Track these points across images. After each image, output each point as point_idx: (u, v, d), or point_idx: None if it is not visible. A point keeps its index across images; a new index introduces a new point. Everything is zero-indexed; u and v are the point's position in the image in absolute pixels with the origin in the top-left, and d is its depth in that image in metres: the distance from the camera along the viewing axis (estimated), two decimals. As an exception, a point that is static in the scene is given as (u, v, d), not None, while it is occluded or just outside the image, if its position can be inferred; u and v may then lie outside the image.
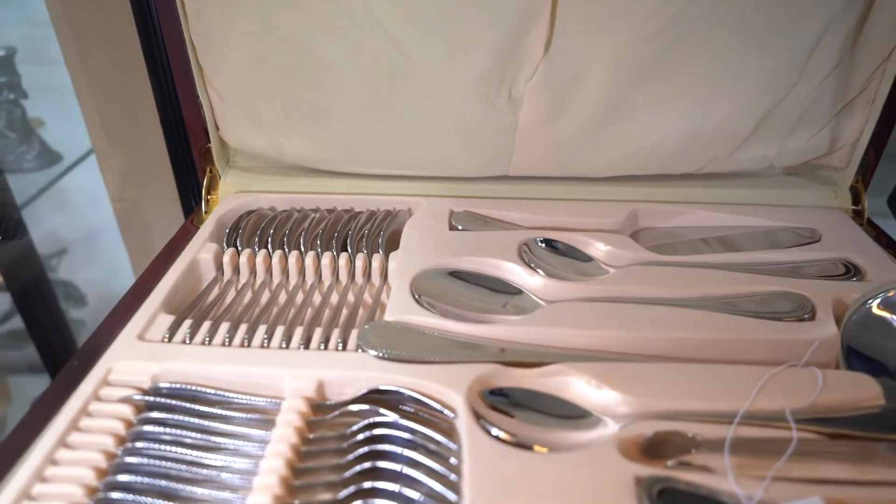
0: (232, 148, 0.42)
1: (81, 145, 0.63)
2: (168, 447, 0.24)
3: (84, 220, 0.66)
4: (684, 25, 0.35)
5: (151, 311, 0.31)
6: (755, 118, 0.38)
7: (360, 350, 0.29)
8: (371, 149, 0.41)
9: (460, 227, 0.38)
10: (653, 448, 0.24)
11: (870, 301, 0.30)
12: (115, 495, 0.23)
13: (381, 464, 0.24)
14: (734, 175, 0.41)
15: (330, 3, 0.35)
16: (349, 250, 0.36)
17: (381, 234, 0.37)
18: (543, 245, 0.36)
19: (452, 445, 0.24)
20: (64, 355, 0.57)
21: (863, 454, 0.24)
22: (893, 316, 0.29)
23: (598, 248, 0.36)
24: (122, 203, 0.49)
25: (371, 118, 0.39)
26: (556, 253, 0.36)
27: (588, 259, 0.36)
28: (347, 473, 0.24)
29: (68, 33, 0.43)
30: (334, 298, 0.34)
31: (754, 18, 0.35)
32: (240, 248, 0.36)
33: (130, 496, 0.23)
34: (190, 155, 0.43)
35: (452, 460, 0.24)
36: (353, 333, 0.30)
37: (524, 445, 0.24)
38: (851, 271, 0.35)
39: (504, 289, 0.34)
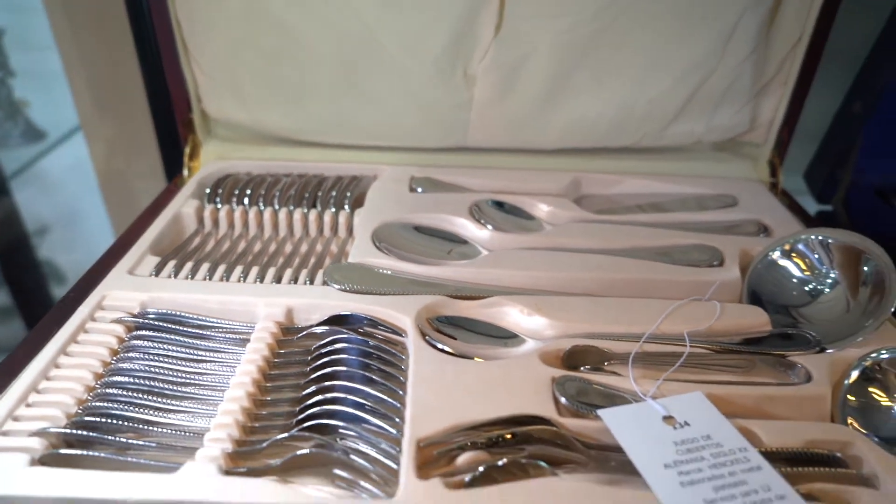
0: (213, 119, 0.46)
1: (65, 125, 0.67)
2: (156, 358, 0.28)
3: (67, 202, 0.69)
4: (618, 11, 0.39)
5: (139, 253, 0.35)
6: (683, 97, 0.43)
7: (325, 285, 0.33)
8: (341, 121, 0.45)
9: (420, 190, 0.42)
10: (570, 359, 0.29)
11: (770, 253, 0.35)
12: (111, 391, 0.26)
13: (341, 369, 0.28)
14: (667, 149, 0.46)
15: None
16: (318, 208, 0.40)
17: (348, 195, 0.41)
18: (492, 205, 0.40)
19: (401, 356, 0.29)
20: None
21: (744, 366, 0.29)
22: (788, 263, 0.34)
23: (540, 209, 0.41)
24: (108, 177, 0.53)
25: (341, 94, 0.44)
26: (503, 211, 0.40)
27: (531, 218, 0.40)
28: (312, 377, 0.28)
29: (60, 13, 0.47)
30: (304, 248, 0.38)
31: (678, 6, 0.39)
32: (219, 205, 0.40)
33: (124, 393, 0.26)
34: (175, 131, 0.46)
35: (402, 367, 0.28)
36: (320, 273, 0.34)
37: (463, 356, 0.29)
38: (762, 231, 0.40)
39: (454, 240, 0.38)
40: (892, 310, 0.29)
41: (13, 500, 0.21)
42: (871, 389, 0.27)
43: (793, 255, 0.34)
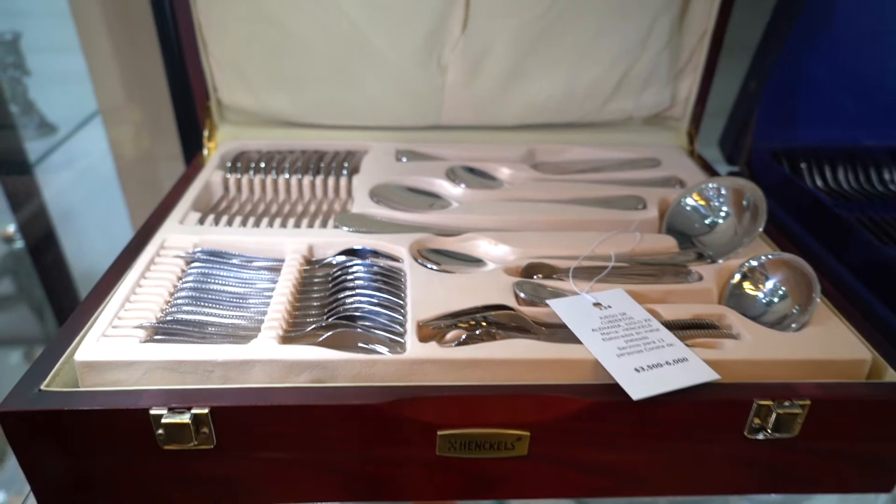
0: (226, 106, 0.54)
1: (74, 121, 0.74)
2: (211, 280, 0.37)
3: (81, 190, 0.76)
4: (560, 10, 0.49)
5: (184, 210, 0.43)
6: (614, 81, 0.53)
7: (336, 228, 0.42)
8: (335, 106, 0.54)
9: (404, 160, 0.51)
10: (527, 271, 0.38)
11: (682, 198, 0.45)
12: (181, 303, 0.35)
13: (357, 282, 0.37)
14: (605, 124, 0.56)
15: (304, -7, 0.48)
16: (322, 175, 0.49)
17: (346, 164, 0.50)
18: (464, 170, 0.50)
19: (400, 274, 0.38)
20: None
21: (655, 274, 0.39)
22: (694, 205, 0.44)
23: (503, 172, 0.50)
24: (128, 163, 0.61)
25: (335, 82, 0.52)
26: (473, 175, 0.50)
27: (495, 179, 0.50)
28: (334, 289, 0.37)
29: (89, 17, 0.55)
30: (312, 207, 0.47)
31: (607, 5, 0.49)
32: (240, 175, 0.49)
33: (192, 306, 0.35)
34: (193, 118, 0.54)
35: (401, 281, 0.37)
36: (330, 221, 0.43)
37: (446, 272, 0.38)
38: (678, 184, 0.50)
39: (434, 196, 0.47)
40: (761, 229, 0.39)
41: (132, 365, 0.30)
42: (745, 285, 0.37)
43: (697, 198, 0.44)
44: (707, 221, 0.43)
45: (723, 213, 0.42)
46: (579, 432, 0.30)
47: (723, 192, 0.43)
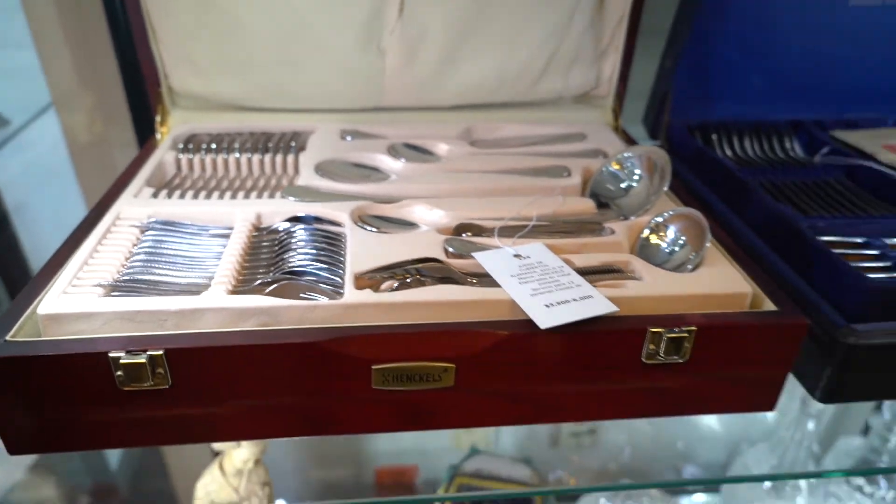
0: (176, 92, 0.57)
1: (28, 113, 0.75)
2: (165, 247, 0.40)
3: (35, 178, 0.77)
4: (489, -2, 0.53)
5: (138, 185, 0.46)
6: (543, 62, 0.57)
7: (283, 199, 0.45)
8: (281, 90, 0.57)
9: (348, 139, 0.55)
10: (457, 230, 0.42)
11: (603, 167, 0.49)
12: (136, 265, 0.38)
13: (301, 244, 0.40)
14: (536, 103, 0.60)
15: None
16: (270, 153, 0.52)
17: (293, 144, 0.53)
18: (404, 146, 0.53)
19: (340, 237, 0.41)
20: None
21: (574, 231, 0.43)
22: (614, 172, 0.48)
23: (441, 148, 0.54)
24: (81, 149, 0.63)
25: (281, 67, 0.55)
26: (413, 150, 0.53)
27: (433, 154, 0.54)
28: (279, 256, 0.40)
29: (39, 9, 0.57)
30: (262, 182, 0.50)
31: (533, -8, 0.54)
32: (191, 156, 0.51)
33: (146, 267, 0.38)
34: (145, 104, 0.57)
35: (342, 243, 0.41)
36: (277, 194, 0.46)
37: (383, 233, 0.42)
38: (602, 155, 0.54)
39: (375, 170, 0.51)
40: (666, 188, 0.44)
41: (92, 316, 0.33)
42: (651, 237, 0.42)
43: (616, 166, 0.48)
44: (623, 185, 0.47)
45: (636, 177, 0.47)
46: (498, 363, 0.34)
47: (636, 159, 0.47)
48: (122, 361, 0.31)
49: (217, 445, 0.55)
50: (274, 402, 0.34)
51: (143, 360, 0.31)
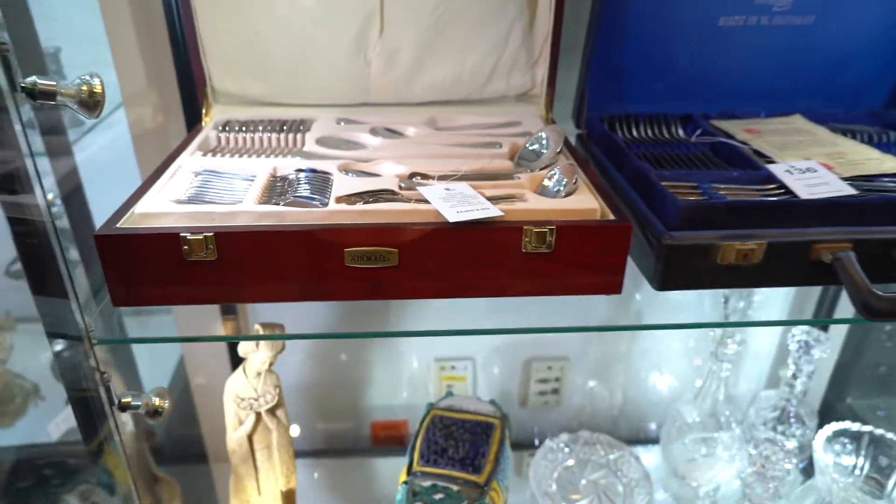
0: (217, 91, 0.77)
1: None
2: (211, 184, 0.59)
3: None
4: (445, 20, 0.73)
5: (192, 150, 0.65)
6: (489, 69, 0.76)
7: (292, 159, 0.64)
8: (294, 89, 0.76)
9: (342, 124, 0.74)
10: (410, 176, 0.61)
11: (526, 144, 0.68)
12: (192, 195, 0.57)
13: (300, 184, 0.59)
14: (486, 100, 0.79)
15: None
16: (285, 133, 0.71)
17: (301, 127, 0.73)
18: (383, 129, 0.73)
19: (329, 179, 0.60)
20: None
21: (494, 178, 0.61)
22: (532, 146, 0.67)
23: (410, 130, 0.73)
24: (143, 137, 0.83)
25: (293, 72, 0.75)
26: (389, 132, 0.72)
27: (403, 134, 0.73)
28: (288, 189, 0.59)
29: (119, 31, 0.77)
30: (278, 152, 0.69)
31: (477, 16, 0.73)
32: (229, 134, 0.71)
33: (198, 197, 0.57)
34: (194, 101, 0.77)
35: (329, 185, 0.60)
36: (290, 157, 0.65)
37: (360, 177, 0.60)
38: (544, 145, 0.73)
39: (361, 144, 0.70)
40: (559, 150, 0.63)
41: (168, 215, 0.52)
42: (545, 182, 0.60)
43: (533, 140, 0.67)
44: (535, 151, 0.66)
45: (544, 146, 0.65)
46: (426, 250, 0.52)
47: (545, 134, 0.66)
48: (188, 238, 0.49)
49: (241, 350, 0.74)
50: (282, 273, 0.52)
51: (201, 238, 0.50)
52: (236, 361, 0.84)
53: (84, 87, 0.43)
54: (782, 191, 0.59)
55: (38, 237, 0.45)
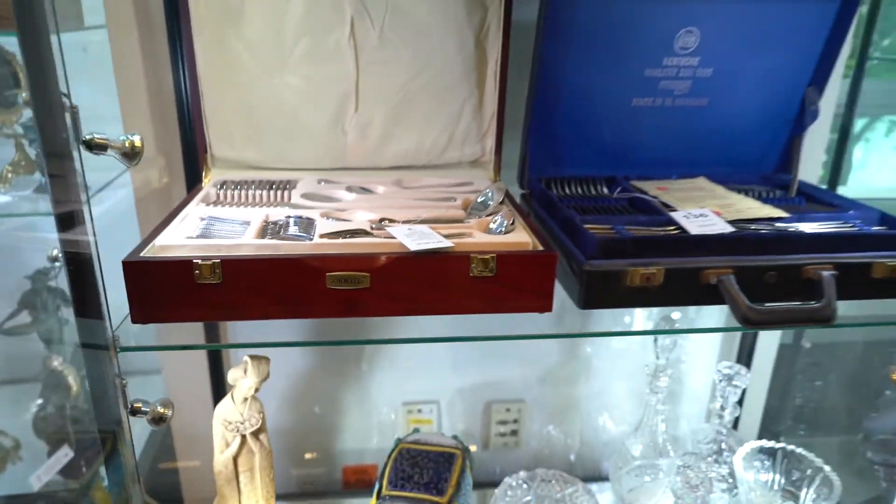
0: (216, 157, 0.90)
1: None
2: (214, 229, 0.71)
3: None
4: (408, 99, 0.88)
5: (196, 202, 0.78)
6: (445, 140, 0.91)
7: (281, 208, 0.77)
8: (282, 155, 0.90)
9: (323, 184, 0.88)
10: (380, 220, 0.74)
11: (477, 197, 0.82)
12: (200, 234, 0.69)
13: (290, 226, 0.72)
14: (445, 165, 0.94)
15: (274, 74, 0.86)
16: (274, 191, 0.85)
17: (288, 185, 0.86)
18: (357, 188, 0.87)
19: (314, 224, 0.73)
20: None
21: (453, 222, 0.75)
22: (481, 196, 0.81)
23: (379, 189, 0.87)
24: (146, 197, 0.95)
25: (283, 141, 0.89)
26: (362, 190, 0.86)
27: (374, 192, 0.87)
28: (279, 231, 0.72)
29: (131, 94, 0.91)
30: (268, 206, 0.82)
31: (434, 97, 0.89)
32: (226, 192, 0.84)
33: (204, 236, 0.69)
34: (195, 165, 0.91)
35: (313, 227, 0.72)
36: (279, 207, 0.78)
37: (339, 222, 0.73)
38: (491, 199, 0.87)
39: (339, 200, 0.83)
40: (500, 201, 0.77)
41: (182, 247, 0.64)
42: (490, 224, 0.74)
43: (482, 196, 0.81)
44: (482, 201, 0.80)
45: (489, 196, 0.80)
46: (392, 274, 0.64)
47: (491, 189, 0.80)
48: (199, 263, 0.61)
49: (230, 378, 0.84)
50: (274, 295, 0.64)
51: (209, 264, 0.61)
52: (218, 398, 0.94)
53: (128, 142, 0.56)
54: (679, 230, 0.74)
55: (84, 266, 0.57)
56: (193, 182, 0.93)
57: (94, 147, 0.54)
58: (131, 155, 0.55)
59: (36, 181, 1.11)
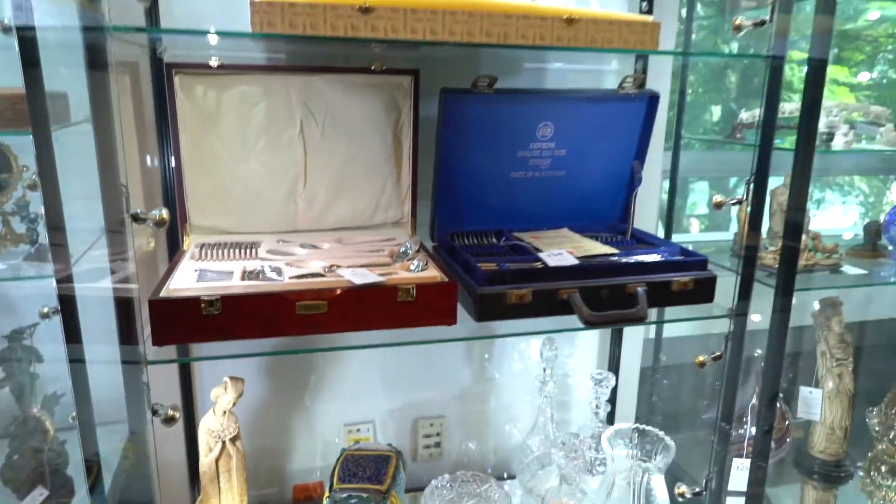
0: (194, 225, 1.15)
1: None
2: (204, 275, 0.96)
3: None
4: (343, 177, 1.17)
5: (186, 259, 1.03)
6: (373, 207, 1.20)
7: (252, 261, 1.03)
8: (247, 222, 1.16)
9: (280, 243, 1.14)
10: (329, 267, 1.01)
11: (399, 248, 1.11)
12: (198, 279, 0.94)
13: (264, 272, 0.98)
14: (375, 226, 1.22)
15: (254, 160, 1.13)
16: (243, 250, 1.10)
17: (254, 245, 1.12)
18: (307, 245, 1.14)
19: (280, 271, 1.00)
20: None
21: (381, 264, 1.03)
22: (404, 251, 1.10)
23: (325, 245, 1.14)
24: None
25: (247, 211, 1.15)
26: (311, 246, 1.13)
27: (320, 248, 1.14)
28: (255, 274, 0.98)
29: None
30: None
31: (363, 174, 1.18)
32: (205, 250, 1.09)
33: (199, 280, 0.94)
34: (176, 232, 1.15)
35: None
36: (249, 260, 1.04)
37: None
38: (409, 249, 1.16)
39: (295, 254, 1.10)
40: (418, 248, 1.06)
41: (189, 289, 0.88)
42: (409, 264, 1.02)
43: (403, 247, 1.10)
44: (403, 251, 1.09)
45: (409, 247, 1.09)
46: (342, 301, 0.92)
47: (409, 242, 1.10)
48: (203, 299, 0.86)
49: (213, 395, 1.07)
50: (259, 320, 0.90)
51: (212, 300, 0.87)
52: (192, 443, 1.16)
53: (158, 215, 0.82)
54: (543, 265, 1.05)
55: (128, 307, 0.81)
56: (172, 246, 1.18)
57: (137, 219, 0.79)
58: (160, 223, 0.81)
59: (23, 251, 1.31)
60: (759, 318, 1.11)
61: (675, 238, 1.47)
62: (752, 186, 1.00)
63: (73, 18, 0.76)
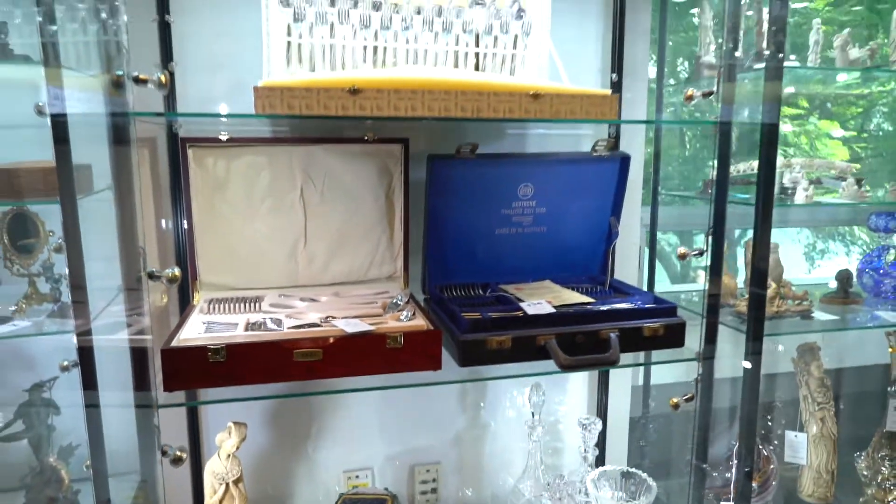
0: (203, 282, 1.25)
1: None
2: (213, 330, 1.06)
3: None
4: (340, 237, 1.28)
5: (196, 313, 1.13)
6: (368, 263, 1.31)
7: (256, 314, 1.13)
8: (252, 279, 1.26)
9: (283, 297, 1.24)
10: (326, 318, 1.10)
11: (391, 300, 1.20)
12: (207, 331, 1.04)
13: (265, 323, 1.07)
14: (370, 280, 1.32)
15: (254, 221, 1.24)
16: (249, 304, 1.20)
17: (258, 299, 1.22)
18: (307, 298, 1.23)
19: (282, 322, 1.09)
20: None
21: (373, 315, 1.12)
22: (395, 302, 1.19)
23: (323, 299, 1.24)
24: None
25: (252, 268, 1.26)
26: (311, 300, 1.23)
27: (320, 301, 1.24)
28: (258, 326, 1.07)
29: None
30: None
31: (358, 236, 1.29)
32: (213, 306, 1.19)
33: (208, 331, 1.03)
34: (187, 289, 1.26)
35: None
36: (253, 313, 1.14)
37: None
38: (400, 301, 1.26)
39: (295, 307, 1.20)
40: (407, 300, 1.15)
41: (197, 339, 0.98)
42: (401, 315, 1.12)
43: (395, 299, 1.19)
44: (395, 303, 1.18)
45: (400, 299, 1.18)
46: (336, 348, 1.01)
47: (400, 294, 1.19)
48: (209, 347, 0.96)
49: (218, 440, 1.15)
50: (260, 366, 0.99)
51: (218, 348, 0.96)
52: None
53: (171, 273, 0.92)
54: (522, 313, 1.14)
55: (144, 356, 0.91)
56: (183, 301, 1.28)
57: (153, 277, 0.90)
58: (173, 280, 0.91)
59: (46, 309, 1.41)
60: (749, 364, 1.18)
61: (672, 287, 1.55)
62: (710, 239, 1.09)
63: (100, 104, 0.89)
